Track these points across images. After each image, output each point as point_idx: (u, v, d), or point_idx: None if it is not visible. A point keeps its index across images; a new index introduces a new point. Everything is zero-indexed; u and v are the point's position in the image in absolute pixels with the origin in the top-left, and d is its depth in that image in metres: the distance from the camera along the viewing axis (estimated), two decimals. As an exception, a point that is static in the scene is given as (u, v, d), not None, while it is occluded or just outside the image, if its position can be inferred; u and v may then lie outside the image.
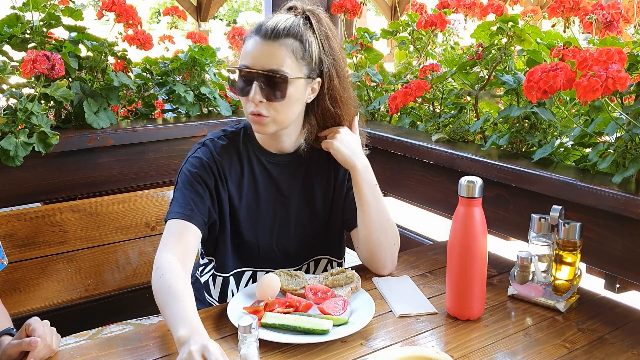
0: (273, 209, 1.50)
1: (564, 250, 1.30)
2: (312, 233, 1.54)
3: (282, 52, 1.34)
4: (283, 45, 1.34)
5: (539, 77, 1.43)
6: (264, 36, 1.34)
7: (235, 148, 1.48)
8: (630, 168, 1.36)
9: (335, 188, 1.55)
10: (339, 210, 1.55)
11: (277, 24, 1.35)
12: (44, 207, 1.85)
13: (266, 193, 1.49)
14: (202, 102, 2.33)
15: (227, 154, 1.46)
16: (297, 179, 1.52)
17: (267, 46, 1.34)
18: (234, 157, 1.47)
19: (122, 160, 2.04)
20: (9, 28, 1.90)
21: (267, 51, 1.34)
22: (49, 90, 1.83)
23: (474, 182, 1.23)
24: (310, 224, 1.53)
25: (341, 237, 1.61)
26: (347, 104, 1.48)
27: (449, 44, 2.28)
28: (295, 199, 1.52)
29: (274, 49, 1.34)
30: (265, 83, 1.34)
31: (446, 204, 1.86)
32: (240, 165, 1.48)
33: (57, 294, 1.79)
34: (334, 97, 1.45)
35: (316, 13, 1.42)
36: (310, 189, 1.53)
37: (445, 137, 1.88)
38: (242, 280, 1.53)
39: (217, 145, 1.46)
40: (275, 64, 1.34)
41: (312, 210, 1.53)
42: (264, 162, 1.49)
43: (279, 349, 1.16)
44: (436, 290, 1.42)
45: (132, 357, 1.14)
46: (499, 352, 1.16)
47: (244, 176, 1.48)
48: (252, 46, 1.36)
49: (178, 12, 2.78)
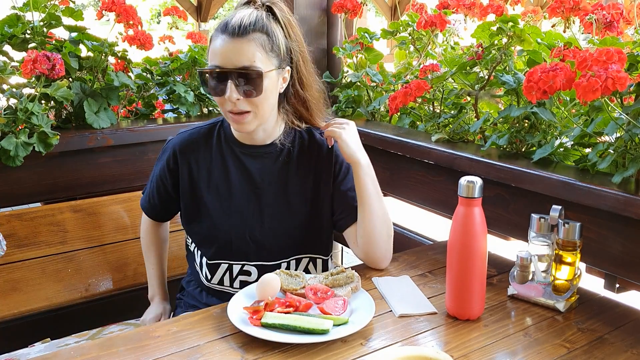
0: (246, 199, 1.52)
1: (563, 250, 1.30)
2: (289, 227, 1.53)
3: (252, 48, 1.36)
4: (252, 40, 1.36)
5: (539, 77, 1.43)
6: (232, 34, 1.36)
7: (205, 139, 1.56)
8: (630, 168, 1.36)
9: (317, 184, 1.55)
10: (322, 208, 1.55)
11: (242, 20, 1.36)
12: (44, 207, 1.85)
13: (238, 183, 1.52)
14: (202, 102, 2.33)
15: (194, 146, 1.55)
16: (272, 171, 1.53)
17: (236, 43, 1.35)
18: (202, 147, 1.55)
19: (122, 160, 2.04)
20: (9, 28, 1.90)
21: (237, 48, 1.35)
22: (49, 90, 1.83)
23: (473, 182, 1.23)
24: (287, 217, 1.53)
25: (325, 234, 1.59)
26: (313, 87, 1.53)
27: (449, 44, 2.28)
28: (270, 191, 1.53)
29: (243, 46, 1.36)
30: (240, 80, 1.36)
31: (446, 204, 1.86)
32: (210, 154, 1.54)
33: (57, 294, 1.79)
34: (301, 81, 1.50)
35: (275, 2, 1.45)
36: (285, 181, 1.53)
37: (445, 137, 1.88)
38: (218, 272, 1.54)
39: (183, 140, 1.57)
40: (247, 60, 1.35)
41: (287, 203, 1.53)
42: (237, 153, 1.53)
43: (279, 349, 1.16)
44: (436, 290, 1.42)
45: (132, 357, 1.14)
46: (498, 352, 1.16)
47: (213, 164, 1.53)
48: (221, 45, 1.37)
49: (178, 13, 2.78)
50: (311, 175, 1.54)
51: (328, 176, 1.54)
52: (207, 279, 1.56)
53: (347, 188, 1.54)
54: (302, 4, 2.59)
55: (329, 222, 1.57)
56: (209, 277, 1.55)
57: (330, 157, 1.55)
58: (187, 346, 1.17)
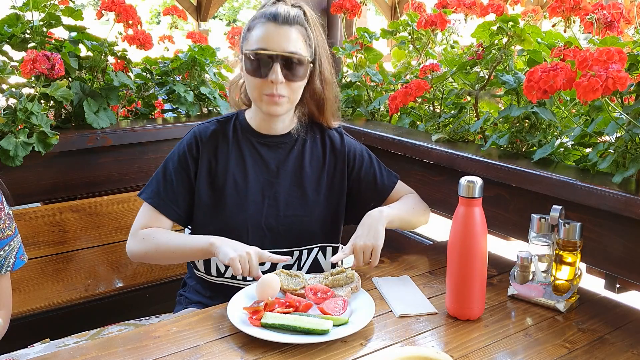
0: (262, 188, 1.55)
1: (564, 250, 1.30)
2: (303, 216, 1.57)
3: (297, 36, 1.47)
4: (297, 30, 1.47)
5: (539, 77, 1.43)
6: (281, 22, 1.45)
7: (223, 131, 1.58)
8: (630, 168, 1.35)
9: (330, 178, 1.61)
10: (336, 201, 1.61)
11: (288, 11, 1.47)
12: (44, 207, 1.85)
13: (254, 172, 1.55)
14: (202, 102, 2.33)
15: (213, 137, 1.57)
16: (288, 161, 1.58)
17: (284, 30, 1.45)
18: (220, 139, 1.57)
19: (122, 160, 2.04)
20: (9, 28, 1.90)
21: (286, 34, 1.45)
22: (49, 90, 1.83)
23: (474, 182, 1.23)
24: (301, 206, 1.57)
25: (337, 224, 1.64)
26: (332, 87, 1.59)
27: (448, 44, 2.28)
28: (286, 180, 1.57)
29: (291, 33, 1.46)
30: (285, 65, 1.45)
31: (446, 204, 1.86)
32: (227, 145, 1.56)
33: (57, 294, 1.79)
34: (323, 78, 1.56)
35: (303, 4, 1.55)
36: (300, 172, 1.58)
37: (445, 137, 1.88)
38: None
39: (203, 130, 1.58)
40: (294, 47, 1.46)
41: (302, 194, 1.58)
42: (253, 143, 1.58)
43: (279, 349, 1.16)
44: (436, 290, 1.42)
45: (132, 357, 1.14)
46: (499, 352, 1.16)
47: (231, 155, 1.56)
48: (269, 30, 1.45)
49: (178, 12, 2.79)
50: (324, 168, 1.61)
51: (342, 173, 1.62)
52: (221, 274, 1.56)
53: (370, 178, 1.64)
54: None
55: (342, 215, 1.64)
56: (222, 271, 1.55)
57: (343, 154, 1.62)
58: (187, 346, 1.17)
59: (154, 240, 1.48)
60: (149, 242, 1.48)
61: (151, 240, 1.48)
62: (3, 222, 1.33)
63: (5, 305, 1.39)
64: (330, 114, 1.63)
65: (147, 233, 1.50)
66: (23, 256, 1.40)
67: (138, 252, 1.51)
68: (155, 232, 1.50)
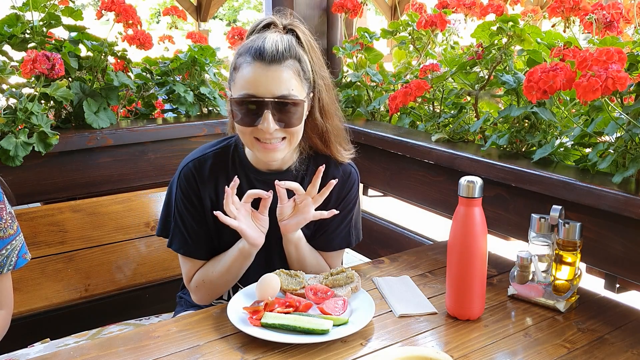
0: None
1: (564, 250, 1.30)
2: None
3: (288, 75, 1.30)
4: (287, 67, 1.30)
5: (539, 77, 1.43)
6: (268, 61, 1.28)
7: (221, 165, 1.47)
8: (630, 168, 1.36)
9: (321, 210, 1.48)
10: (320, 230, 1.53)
11: (276, 45, 1.29)
12: (44, 207, 1.85)
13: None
14: (202, 102, 2.33)
15: (212, 173, 1.46)
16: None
17: (272, 71, 1.28)
18: (220, 175, 1.47)
19: (122, 160, 2.04)
20: (9, 28, 1.90)
21: (275, 76, 1.28)
22: (49, 90, 1.83)
23: (473, 182, 1.23)
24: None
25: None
26: (334, 116, 1.46)
27: (448, 44, 2.28)
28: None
29: (280, 73, 1.29)
30: (278, 110, 1.30)
31: (446, 204, 1.86)
32: (226, 179, 1.45)
33: (57, 294, 1.79)
34: (323, 109, 1.42)
35: (297, 25, 1.38)
36: None
37: (445, 137, 1.88)
38: None
39: (199, 166, 1.46)
40: (286, 89, 1.29)
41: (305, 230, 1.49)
42: (251, 179, 1.47)
43: (279, 349, 1.16)
44: (436, 290, 1.42)
45: (132, 357, 1.14)
46: (499, 352, 1.16)
47: None
48: (256, 73, 1.29)
49: (178, 12, 2.79)
50: (319, 207, 1.45)
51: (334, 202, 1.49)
52: None
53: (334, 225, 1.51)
54: (302, 4, 2.59)
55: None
56: None
57: (341, 199, 1.51)
58: (187, 346, 1.17)
59: (207, 281, 1.47)
60: (206, 286, 1.47)
61: (205, 284, 1.47)
62: (4, 221, 1.33)
63: (6, 304, 1.39)
64: (336, 146, 1.48)
65: (198, 280, 1.48)
66: (26, 254, 1.40)
67: (205, 298, 1.50)
68: (202, 275, 1.48)
